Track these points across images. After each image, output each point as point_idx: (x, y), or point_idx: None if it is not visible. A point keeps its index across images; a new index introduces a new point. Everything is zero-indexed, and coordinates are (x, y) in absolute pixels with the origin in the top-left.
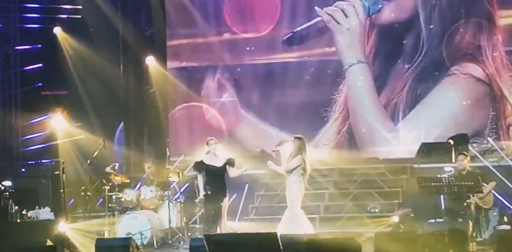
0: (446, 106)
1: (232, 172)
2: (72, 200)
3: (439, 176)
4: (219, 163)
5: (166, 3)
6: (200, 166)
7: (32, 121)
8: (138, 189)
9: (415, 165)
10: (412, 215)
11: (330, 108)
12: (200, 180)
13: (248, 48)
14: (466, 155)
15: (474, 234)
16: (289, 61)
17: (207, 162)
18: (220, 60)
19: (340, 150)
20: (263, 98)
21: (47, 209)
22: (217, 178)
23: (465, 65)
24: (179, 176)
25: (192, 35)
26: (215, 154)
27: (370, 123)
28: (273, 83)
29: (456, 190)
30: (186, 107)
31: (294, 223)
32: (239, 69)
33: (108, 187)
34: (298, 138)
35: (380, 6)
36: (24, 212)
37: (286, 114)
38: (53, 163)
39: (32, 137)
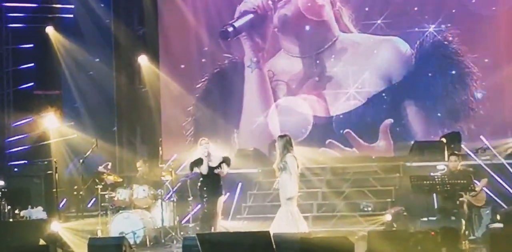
0: None
1: (224, 169)
2: (65, 200)
3: (431, 174)
4: (214, 163)
5: (158, 3)
6: (199, 162)
7: (25, 120)
8: (130, 188)
9: (408, 164)
10: (404, 213)
11: None
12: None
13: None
14: (459, 154)
15: (466, 232)
16: None
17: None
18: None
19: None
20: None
21: (40, 208)
22: (213, 178)
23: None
24: (171, 175)
25: (184, 35)
26: (210, 154)
27: None
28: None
29: (448, 188)
30: (178, 106)
31: (287, 222)
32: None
33: (101, 187)
34: (282, 137)
35: None
36: (16, 211)
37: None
38: (46, 162)
39: (25, 137)
